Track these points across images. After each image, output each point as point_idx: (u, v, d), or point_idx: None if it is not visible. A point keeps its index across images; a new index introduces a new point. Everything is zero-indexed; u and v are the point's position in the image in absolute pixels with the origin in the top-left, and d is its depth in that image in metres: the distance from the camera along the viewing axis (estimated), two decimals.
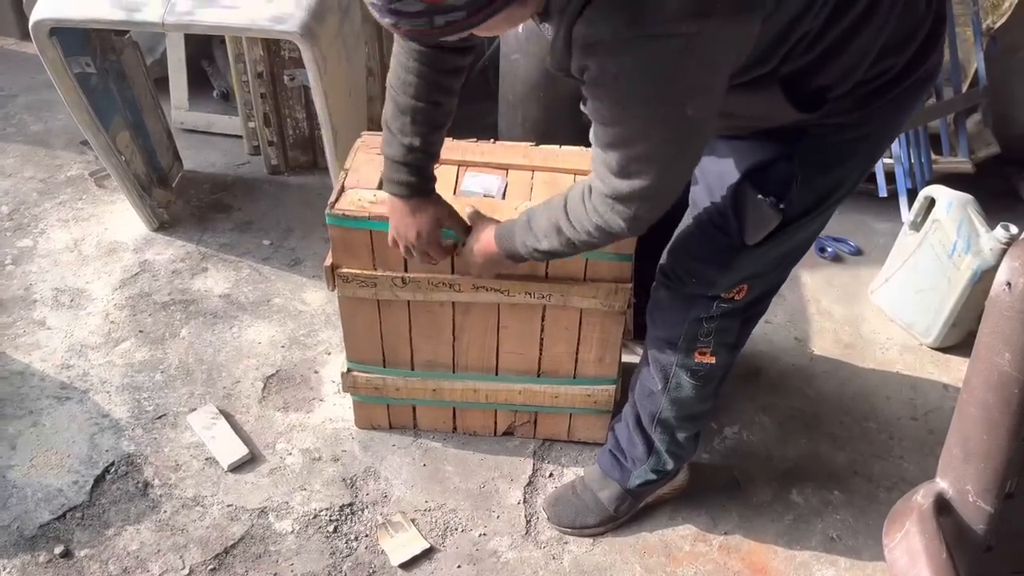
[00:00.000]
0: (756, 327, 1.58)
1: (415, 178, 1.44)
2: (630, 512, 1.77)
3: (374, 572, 1.68)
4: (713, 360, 1.51)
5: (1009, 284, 0.83)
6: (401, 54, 1.34)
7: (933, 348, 2.23)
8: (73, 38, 2.11)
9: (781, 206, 1.27)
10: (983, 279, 2.04)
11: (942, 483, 0.96)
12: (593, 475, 1.78)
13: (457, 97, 1.42)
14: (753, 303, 1.47)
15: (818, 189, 1.31)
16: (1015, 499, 0.94)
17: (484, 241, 1.46)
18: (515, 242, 1.37)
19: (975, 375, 0.91)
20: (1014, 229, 2.01)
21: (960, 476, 0.94)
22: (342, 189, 1.64)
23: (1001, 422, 0.89)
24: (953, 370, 2.17)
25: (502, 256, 1.42)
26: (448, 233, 1.53)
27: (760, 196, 1.27)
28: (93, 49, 2.21)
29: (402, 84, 1.36)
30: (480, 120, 2.95)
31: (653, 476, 1.70)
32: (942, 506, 0.95)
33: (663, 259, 1.48)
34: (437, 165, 1.74)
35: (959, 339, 2.19)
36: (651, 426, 1.63)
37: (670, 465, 1.69)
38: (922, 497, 0.95)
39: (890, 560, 0.93)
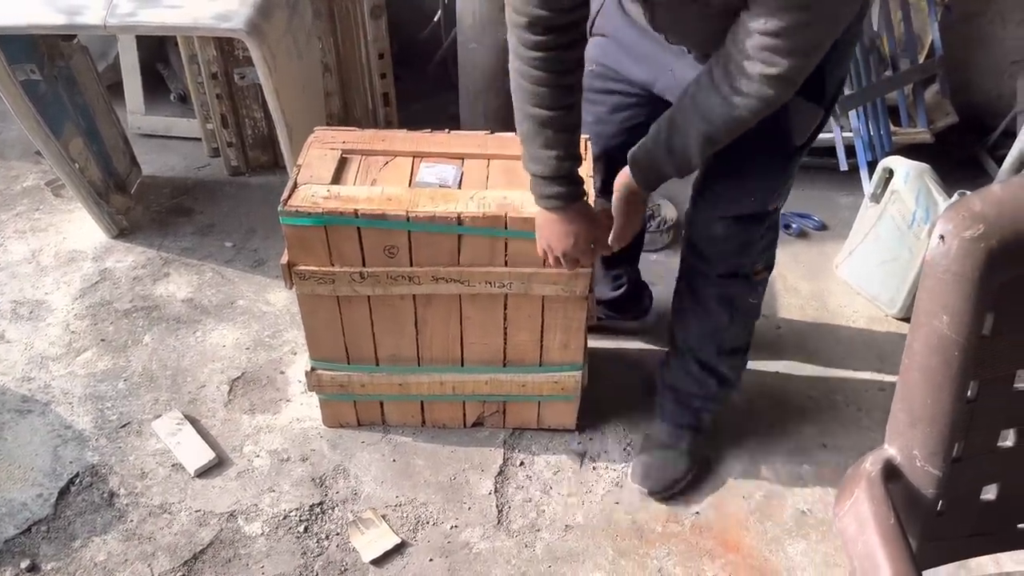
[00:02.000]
0: None
1: (568, 187, 1.41)
2: (705, 451, 1.88)
3: (346, 570, 1.67)
4: (767, 275, 1.68)
5: (942, 238, 0.83)
6: (522, 68, 1.30)
7: (898, 319, 2.25)
8: (18, 45, 2.07)
9: (820, 100, 1.38)
10: None
11: (890, 449, 0.97)
12: (663, 433, 1.85)
13: (581, 93, 1.40)
14: (779, 209, 1.60)
15: (838, 77, 1.42)
16: (963, 462, 0.95)
17: (626, 186, 1.47)
18: (663, 172, 1.40)
19: (916, 339, 0.91)
20: None
21: (907, 441, 0.94)
22: (295, 186, 1.62)
23: (944, 385, 0.89)
24: None
25: (646, 193, 1.47)
26: None
27: (799, 96, 1.29)
28: (40, 56, 2.17)
29: (532, 97, 1.33)
30: (442, 112, 2.94)
31: (720, 405, 1.85)
32: (891, 472, 0.95)
33: (710, 194, 1.55)
34: (392, 157, 1.74)
35: None
36: (718, 360, 1.75)
37: (736, 385, 1.84)
38: (870, 464, 0.95)
39: (839, 528, 0.93)
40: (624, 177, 1.47)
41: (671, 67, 1.48)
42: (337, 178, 1.66)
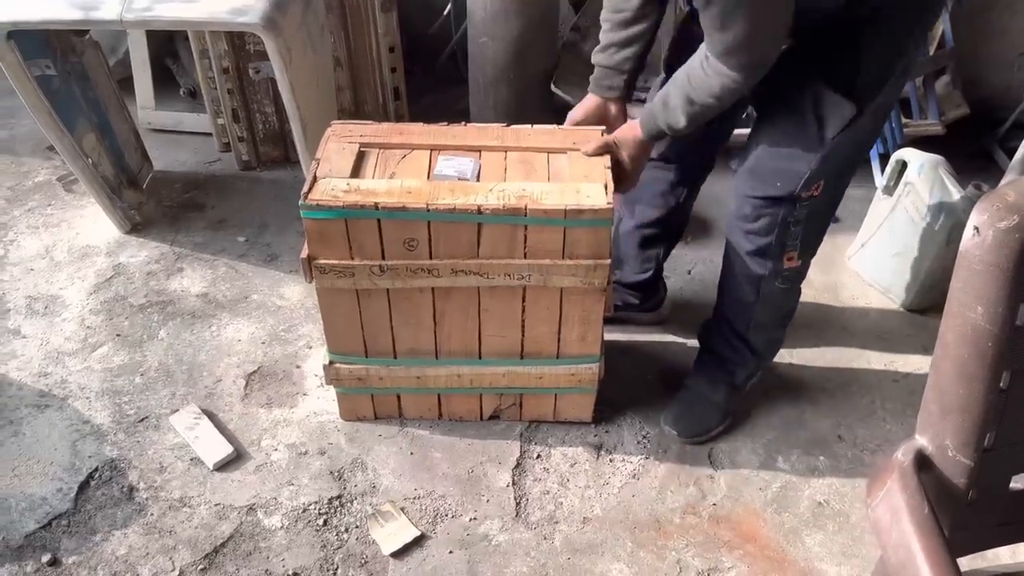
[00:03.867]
0: None
1: (624, 86, 1.69)
2: (738, 406, 1.94)
3: (366, 562, 1.68)
4: (799, 264, 1.71)
5: (977, 229, 0.83)
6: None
7: (911, 310, 2.25)
8: (32, 41, 2.07)
9: (853, 96, 1.43)
10: (956, 239, 2.05)
11: (921, 440, 0.97)
12: (700, 384, 1.93)
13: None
14: (829, 201, 1.64)
15: (876, 76, 1.45)
16: (994, 452, 0.95)
17: (631, 133, 1.65)
18: (658, 123, 1.57)
19: (949, 330, 0.91)
20: (986, 189, 2.03)
21: (939, 432, 0.95)
22: (314, 179, 1.62)
23: (976, 375, 0.90)
24: (931, 331, 2.16)
25: (647, 140, 1.63)
26: None
27: (832, 91, 1.44)
28: (53, 51, 2.17)
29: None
30: (453, 106, 2.95)
31: (756, 370, 1.91)
32: (922, 462, 0.96)
33: (746, 174, 1.62)
34: (410, 150, 1.74)
35: (936, 300, 2.21)
36: (749, 332, 1.82)
37: (769, 359, 1.92)
38: (902, 454, 0.96)
39: (873, 518, 0.94)
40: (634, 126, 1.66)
41: None
42: (356, 171, 1.66)
